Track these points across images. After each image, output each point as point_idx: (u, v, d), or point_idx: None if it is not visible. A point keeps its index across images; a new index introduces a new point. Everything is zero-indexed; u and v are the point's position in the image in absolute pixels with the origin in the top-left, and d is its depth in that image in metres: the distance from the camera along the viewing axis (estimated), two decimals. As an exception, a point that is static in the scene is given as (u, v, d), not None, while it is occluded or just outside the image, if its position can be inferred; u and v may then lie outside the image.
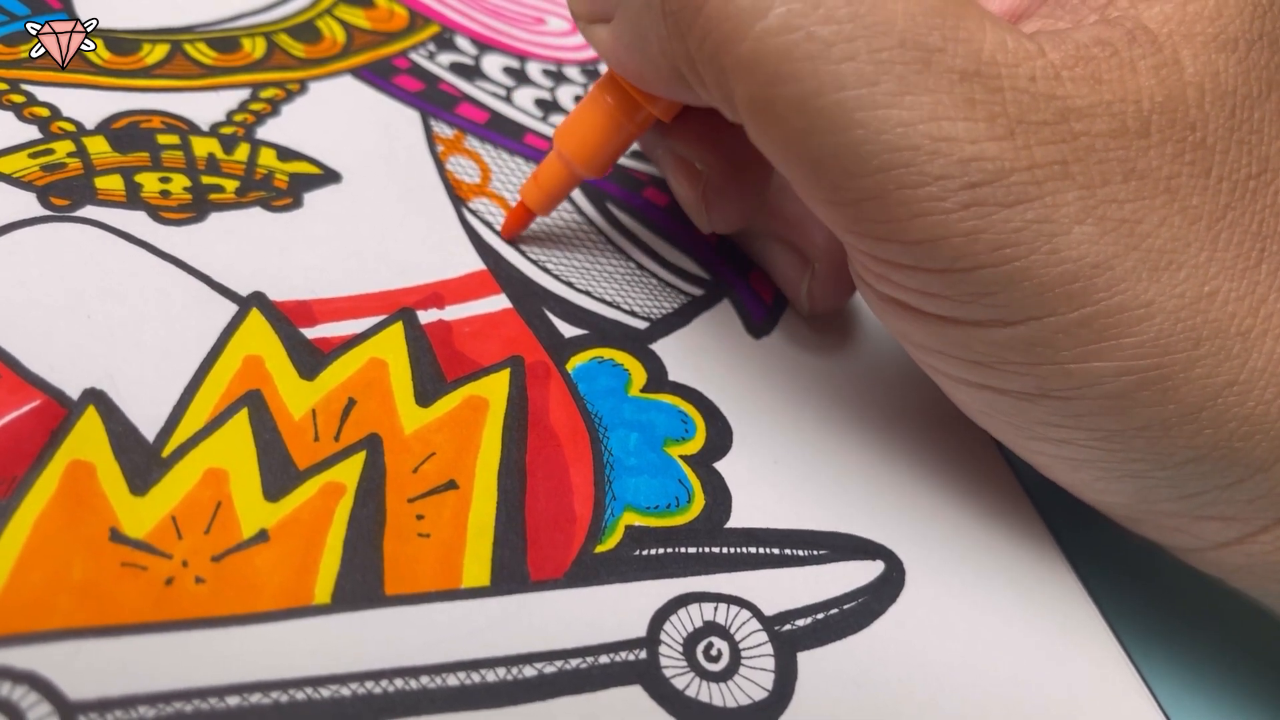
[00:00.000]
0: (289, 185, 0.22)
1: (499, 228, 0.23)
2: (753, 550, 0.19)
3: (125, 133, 0.21)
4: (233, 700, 0.14)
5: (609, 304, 0.22)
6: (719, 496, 0.20)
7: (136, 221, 0.20)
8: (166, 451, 0.16)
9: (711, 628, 0.18)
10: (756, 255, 0.25)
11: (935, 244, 0.15)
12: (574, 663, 0.16)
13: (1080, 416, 0.17)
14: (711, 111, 0.18)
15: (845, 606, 0.19)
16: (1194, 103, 0.16)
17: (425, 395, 0.19)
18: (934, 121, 0.15)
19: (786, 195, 0.23)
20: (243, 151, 0.22)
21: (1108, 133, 0.15)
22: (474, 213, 0.23)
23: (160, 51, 0.24)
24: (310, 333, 0.19)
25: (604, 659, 0.17)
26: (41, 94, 0.21)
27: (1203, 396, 0.16)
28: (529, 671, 0.16)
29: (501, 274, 0.22)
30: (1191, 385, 0.16)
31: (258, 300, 0.19)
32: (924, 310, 0.17)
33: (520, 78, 0.28)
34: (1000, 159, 0.15)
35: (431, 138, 0.25)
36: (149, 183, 0.20)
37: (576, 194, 0.25)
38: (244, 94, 0.23)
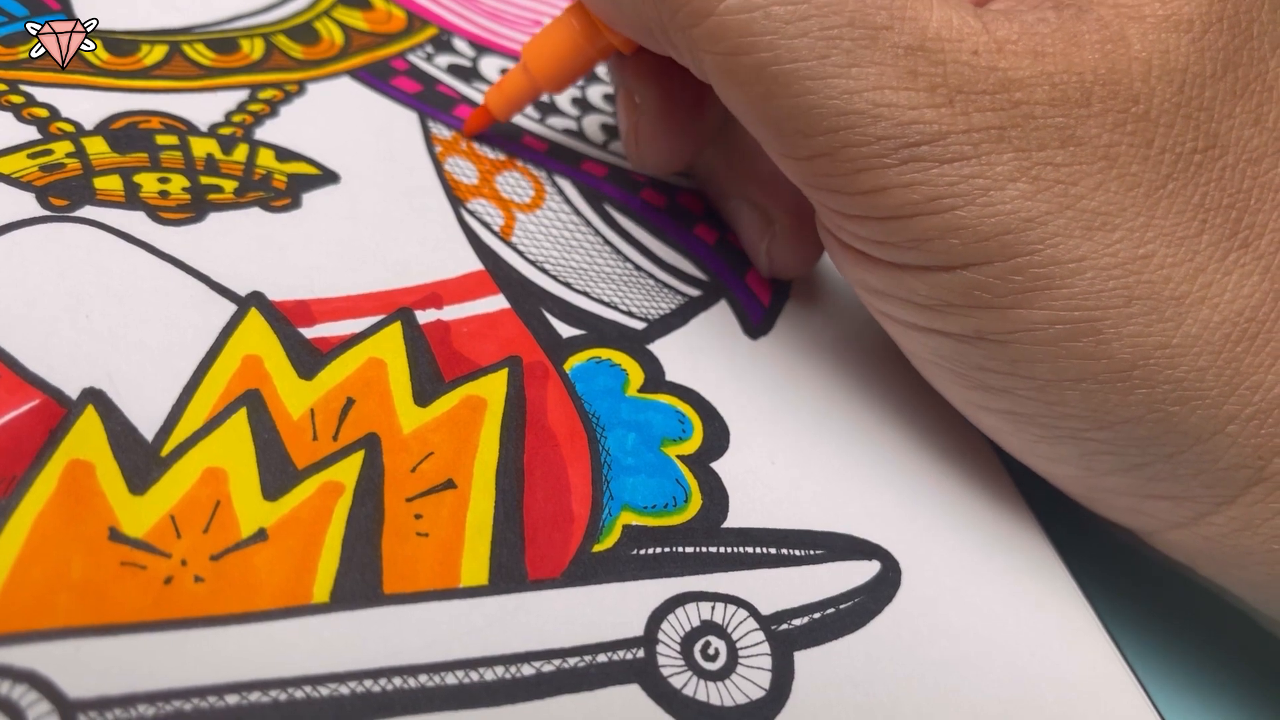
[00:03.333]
0: (287, 186, 0.22)
1: (497, 228, 0.23)
2: (749, 550, 0.19)
3: (124, 133, 0.21)
4: (232, 699, 0.14)
5: (607, 304, 0.22)
6: (716, 496, 0.20)
7: (135, 221, 0.20)
8: (165, 451, 0.17)
9: (709, 627, 0.18)
10: (726, 215, 0.26)
11: (878, 194, 0.17)
12: (572, 661, 0.16)
13: (1016, 362, 0.18)
14: (665, 56, 0.20)
15: (841, 606, 0.19)
16: (1139, 77, 0.17)
17: (423, 395, 0.19)
18: (877, 90, 0.16)
19: (756, 158, 0.24)
20: (241, 152, 0.22)
21: (1047, 101, 0.16)
22: (472, 213, 0.23)
23: (159, 52, 0.24)
24: (309, 332, 0.19)
25: (602, 658, 0.17)
26: (40, 95, 0.21)
27: (1134, 355, 0.17)
28: (527, 670, 0.16)
29: (499, 274, 0.22)
30: (1123, 342, 0.17)
31: (256, 300, 0.19)
32: (876, 257, 0.19)
33: (518, 79, 0.28)
34: (938, 123, 0.16)
35: (430, 139, 0.25)
36: (148, 183, 0.20)
37: (574, 195, 0.25)
38: (242, 95, 0.23)
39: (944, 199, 0.17)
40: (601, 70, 0.30)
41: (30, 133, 0.20)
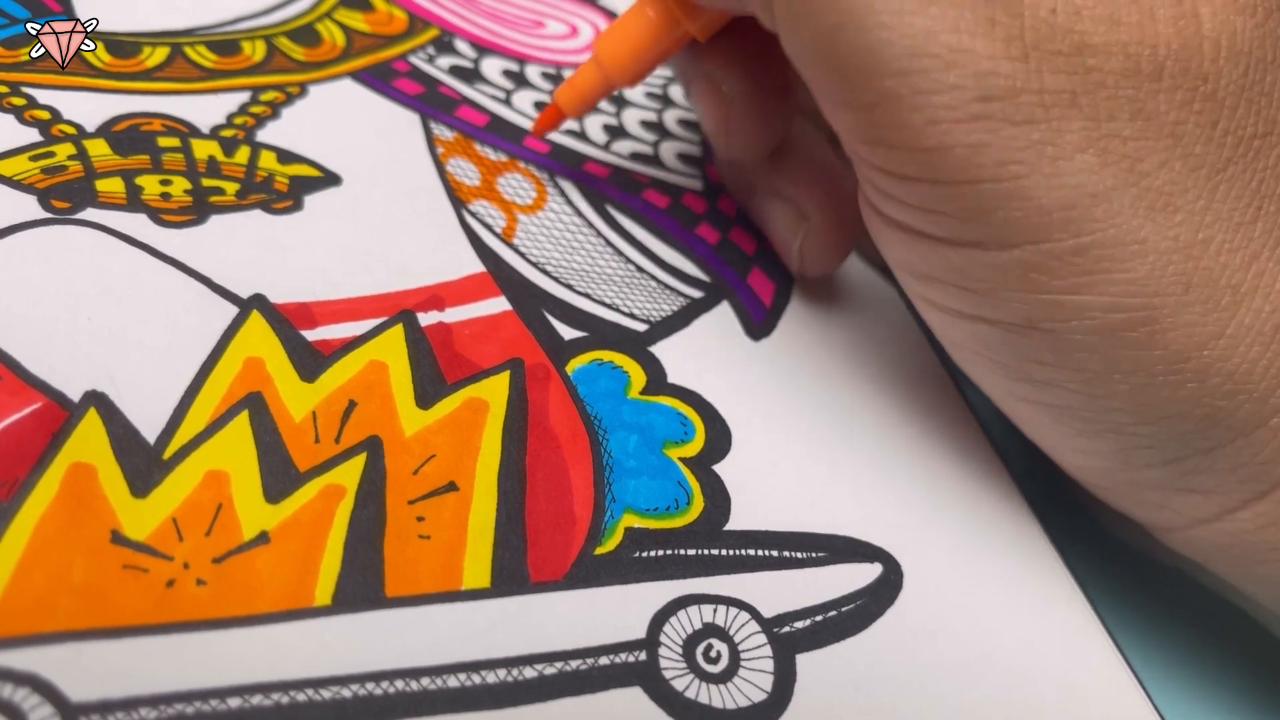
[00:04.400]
0: (289, 188, 0.22)
1: (499, 230, 0.23)
2: (751, 552, 0.19)
3: (126, 135, 0.21)
4: (234, 702, 0.14)
5: (608, 306, 0.22)
6: (718, 499, 0.20)
7: (137, 224, 0.20)
8: (167, 454, 0.17)
9: (711, 629, 0.18)
10: (755, 211, 0.25)
11: (942, 153, 0.16)
12: (574, 664, 0.16)
13: (1067, 353, 0.17)
14: (743, 36, 0.19)
15: (843, 609, 0.19)
16: (1209, 56, 0.16)
17: (425, 397, 0.19)
18: (955, 33, 0.16)
19: (791, 152, 0.23)
20: (243, 154, 0.22)
21: (1120, 71, 0.16)
22: (474, 215, 0.23)
23: (160, 54, 0.24)
24: (311, 335, 0.19)
25: (604, 660, 0.17)
26: (42, 97, 0.21)
27: (1189, 345, 0.16)
28: (529, 673, 0.16)
29: (501, 276, 0.22)
30: (1178, 332, 0.16)
31: (258, 302, 0.19)
32: (925, 232, 0.18)
33: (520, 81, 0.28)
34: (1012, 78, 0.16)
35: (431, 140, 0.25)
36: (150, 185, 0.20)
37: (576, 196, 0.25)
38: (244, 97, 0.23)
39: (1010, 164, 0.16)
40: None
41: (32, 135, 0.20)
